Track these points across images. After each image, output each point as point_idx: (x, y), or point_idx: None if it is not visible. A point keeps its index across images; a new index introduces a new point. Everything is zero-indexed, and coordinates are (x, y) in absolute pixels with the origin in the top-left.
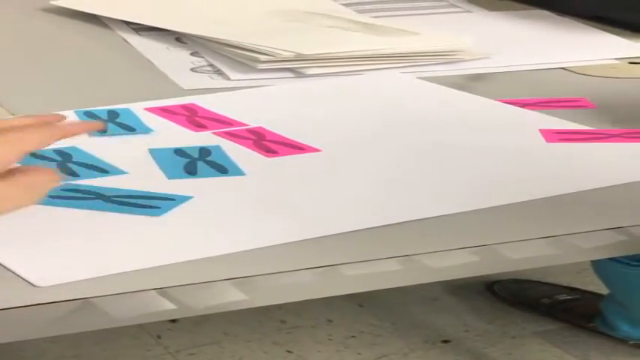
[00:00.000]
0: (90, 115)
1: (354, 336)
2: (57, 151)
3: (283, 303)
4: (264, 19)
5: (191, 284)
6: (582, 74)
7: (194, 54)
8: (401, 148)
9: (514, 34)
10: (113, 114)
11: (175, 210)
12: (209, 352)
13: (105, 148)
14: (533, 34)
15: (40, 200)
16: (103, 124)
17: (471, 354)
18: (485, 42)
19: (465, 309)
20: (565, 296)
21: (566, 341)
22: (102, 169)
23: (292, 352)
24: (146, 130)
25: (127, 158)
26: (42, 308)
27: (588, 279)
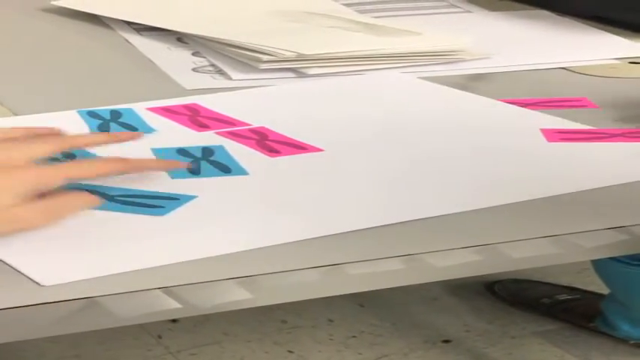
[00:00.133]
0: (93, 115)
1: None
2: (62, 152)
3: (284, 303)
4: (265, 19)
5: (195, 283)
6: (583, 74)
7: (195, 54)
8: (403, 148)
9: (514, 34)
10: (116, 114)
11: (179, 209)
12: (210, 352)
13: (108, 148)
14: (533, 34)
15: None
16: (190, 164)
17: (472, 354)
18: (485, 42)
19: (466, 309)
20: (565, 296)
21: (566, 341)
22: None
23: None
24: (149, 130)
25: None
26: (47, 307)
27: (589, 279)
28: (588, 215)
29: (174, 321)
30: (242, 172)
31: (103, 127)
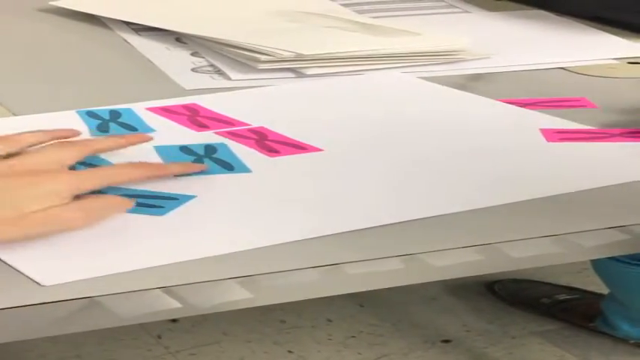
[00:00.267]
0: (92, 115)
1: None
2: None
3: (283, 303)
4: (264, 19)
5: (196, 283)
6: (581, 74)
7: (194, 54)
8: (402, 148)
9: (513, 35)
10: (115, 114)
11: (179, 209)
12: (209, 352)
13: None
14: (532, 35)
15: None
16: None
17: (472, 354)
18: (484, 42)
19: (465, 309)
20: (565, 296)
21: (566, 341)
22: None
23: (293, 352)
24: (148, 130)
25: (130, 158)
26: (47, 307)
27: (589, 279)
28: (588, 215)
29: (173, 321)
30: (245, 170)
31: (103, 127)
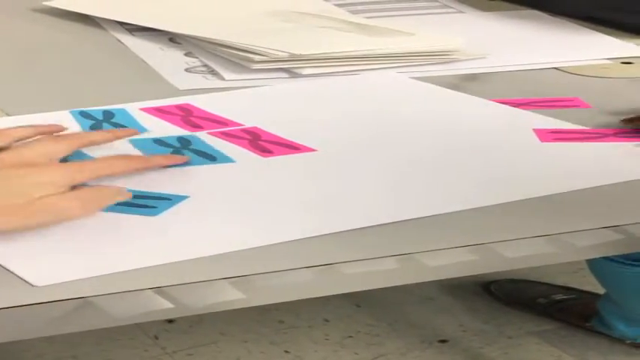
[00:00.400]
0: (85, 116)
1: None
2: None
3: (280, 303)
4: (258, 20)
5: (189, 283)
6: (575, 74)
7: (188, 54)
8: (396, 148)
9: (507, 35)
10: (108, 114)
11: (172, 210)
12: (206, 353)
13: (101, 148)
14: (526, 35)
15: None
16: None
17: (468, 354)
18: (478, 42)
19: (462, 309)
20: (561, 296)
21: (563, 341)
22: None
23: (289, 353)
24: (141, 130)
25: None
26: (40, 308)
27: (585, 279)
28: (582, 215)
29: (170, 321)
30: (228, 160)
31: (96, 128)
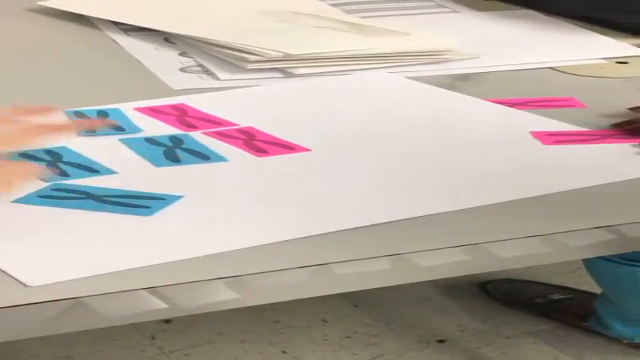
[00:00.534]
0: (79, 115)
1: (349, 336)
2: (47, 151)
3: (278, 303)
4: (252, 20)
5: (182, 283)
6: (570, 74)
7: (183, 54)
8: (390, 148)
9: (502, 34)
10: (103, 114)
11: (166, 209)
12: (203, 353)
13: (95, 148)
14: (521, 34)
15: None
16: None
17: (466, 354)
18: (473, 42)
19: (460, 309)
20: (558, 296)
21: (560, 340)
22: (92, 169)
23: (287, 353)
24: (136, 130)
25: (117, 158)
26: (33, 308)
27: (582, 278)
28: (576, 214)
29: (167, 321)
30: (221, 159)
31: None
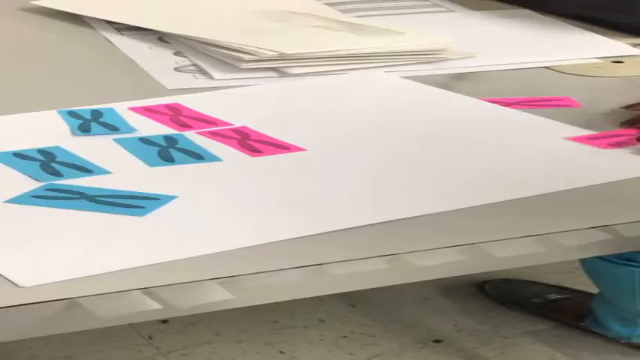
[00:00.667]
0: (73, 115)
1: (346, 336)
2: (40, 151)
3: (275, 303)
4: (247, 19)
5: (177, 284)
6: (566, 73)
7: (177, 53)
8: (386, 148)
9: (498, 34)
10: (97, 114)
11: (160, 210)
12: (201, 353)
13: (88, 148)
14: (517, 34)
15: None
16: None
17: (463, 354)
18: (469, 41)
19: (457, 309)
20: (556, 295)
21: (557, 340)
22: (86, 169)
23: (284, 353)
24: (130, 130)
25: (111, 158)
26: (27, 308)
27: (579, 278)
28: (572, 214)
29: (164, 322)
30: (215, 159)
31: (84, 127)
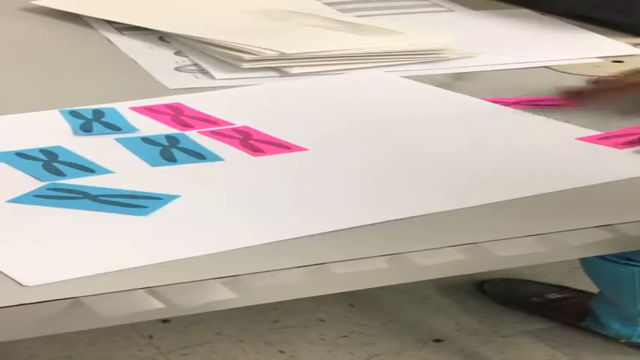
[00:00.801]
0: (75, 115)
1: (346, 336)
2: (43, 151)
3: (275, 302)
4: (248, 19)
5: (180, 283)
6: (566, 73)
7: (178, 53)
8: (387, 147)
9: (498, 33)
10: (98, 113)
11: (163, 209)
12: (201, 353)
13: (90, 148)
14: (516, 33)
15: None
16: None
17: (463, 353)
18: (468, 41)
19: (456, 308)
20: (555, 295)
21: (557, 340)
22: (88, 169)
23: (284, 352)
24: (132, 130)
25: (113, 157)
26: (30, 308)
27: (579, 278)
28: (574, 214)
29: (165, 321)
30: (218, 159)
31: (86, 127)
